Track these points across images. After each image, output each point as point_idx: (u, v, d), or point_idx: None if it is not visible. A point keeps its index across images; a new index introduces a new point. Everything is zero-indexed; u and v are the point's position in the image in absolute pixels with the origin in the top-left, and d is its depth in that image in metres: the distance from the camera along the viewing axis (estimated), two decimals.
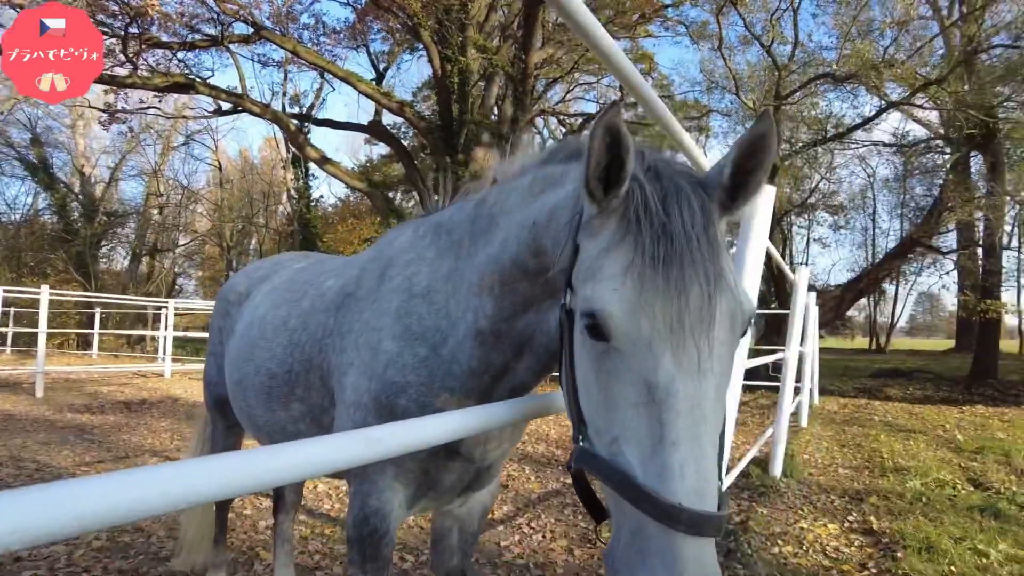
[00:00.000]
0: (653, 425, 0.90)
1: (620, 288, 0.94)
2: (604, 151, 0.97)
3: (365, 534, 1.63)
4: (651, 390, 0.91)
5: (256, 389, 2.01)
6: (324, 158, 15.56)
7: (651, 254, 0.95)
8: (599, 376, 0.98)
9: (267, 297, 2.22)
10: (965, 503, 4.85)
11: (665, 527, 0.85)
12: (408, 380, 1.52)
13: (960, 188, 16.43)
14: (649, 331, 0.92)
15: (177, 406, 9.55)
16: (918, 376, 16.42)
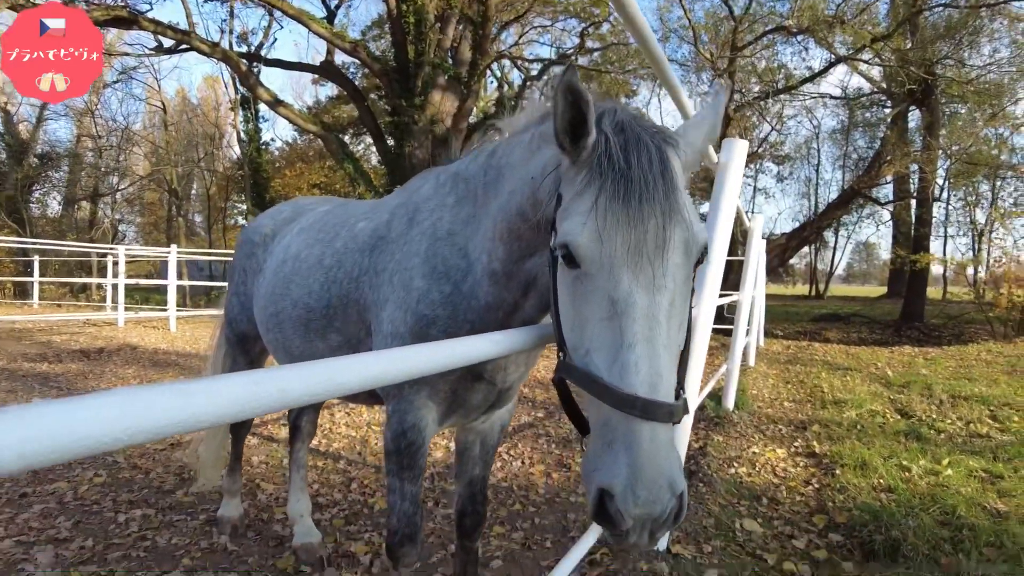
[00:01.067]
0: (615, 333, 1.07)
1: (587, 221, 1.12)
2: (567, 108, 1.16)
3: (403, 447, 1.85)
4: (614, 304, 1.08)
5: (293, 322, 2.18)
6: (276, 100, 15.10)
7: (612, 193, 1.12)
8: (574, 300, 1.16)
9: (298, 237, 2.36)
10: (893, 429, 5.41)
11: (624, 414, 1.02)
12: (437, 314, 1.71)
13: (899, 141, 17.23)
14: (611, 256, 1.09)
15: (138, 354, 9.46)
16: (854, 320, 17.49)
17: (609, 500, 1.02)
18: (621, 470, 1.01)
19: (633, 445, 1.01)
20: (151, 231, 37.99)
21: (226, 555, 2.94)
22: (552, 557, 3.02)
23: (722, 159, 2.89)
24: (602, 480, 1.03)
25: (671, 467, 1.03)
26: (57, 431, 0.47)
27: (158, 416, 0.53)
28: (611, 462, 1.03)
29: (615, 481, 1.01)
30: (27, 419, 0.46)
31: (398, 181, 14.43)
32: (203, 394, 0.58)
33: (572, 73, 1.13)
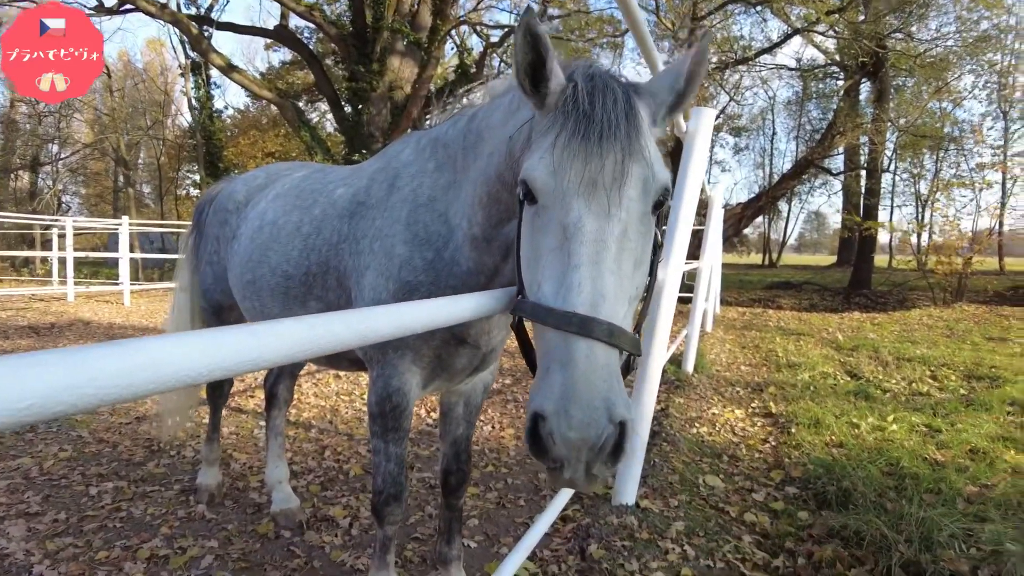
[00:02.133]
0: (563, 257, 1.07)
1: (544, 155, 1.13)
2: (527, 50, 1.17)
3: (388, 410, 1.89)
4: (564, 230, 1.09)
5: (272, 289, 2.18)
6: (230, 65, 14.58)
7: (572, 131, 1.12)
8: (532, 236, 1.16)
9: (274, 204, 2.35)
10: (843, 389, 5.70)
11: (562, 333, 1.01)
12: (419, 280, 1.73)
13: (850, 113, 17.71)
14: (565, 186, 1.10)
15: (92, 329, 9.20)
16: (806, 288, 18.10)
17: (542, 423, 0.99)
18: (554, 390, 0.98)
19: (568, 364, 0.99)
20: (97, 202, 36.45)
21: (205, 523, 2.96)
22: (526, 515, 3.13)
23: (690, 127, 2.97)
24: (535, 404, 1.01)
25: (609, 389, 0.99)
26: (157, 363, 0.51)
27: (230, 354, 0.57)
28: (546, 385, 1.01)
29: (546, 403, 0.98)
30: (129, 351, 0.50)
31: (356, 148, 14.18)
32: (271, 335, 0.62)
33: (531, 15, 1.14)
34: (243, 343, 0.59)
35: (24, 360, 0.45)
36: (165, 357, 0.52)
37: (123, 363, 0.49)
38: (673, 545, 2.76)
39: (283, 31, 16.18)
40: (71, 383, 0.45)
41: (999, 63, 18.80)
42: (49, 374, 0.44)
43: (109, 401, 0.50)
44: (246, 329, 0.61)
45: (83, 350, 0.48)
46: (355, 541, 2.83)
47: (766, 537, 2.95)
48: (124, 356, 0.49)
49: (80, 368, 0.46)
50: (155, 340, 0.53)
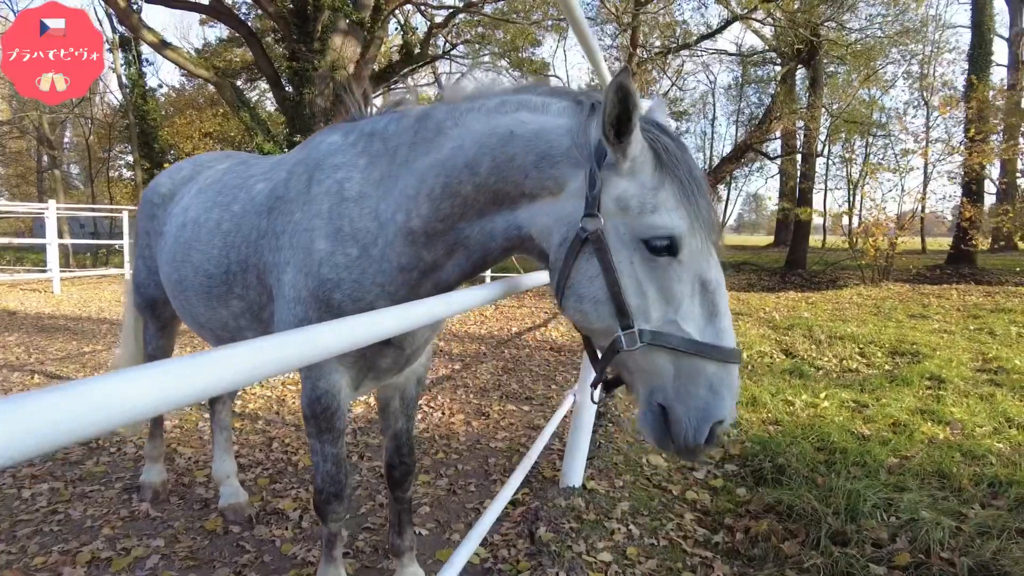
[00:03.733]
0: (707, 306, 1.33)
1: (683, 216, 1.33)
2: (617, 104, 1.28)
3: (319, 411, 1.88)
4: (704, 284, 1.34)
5: (196, 289, 2.13)
6: (163, 43, 13.90)
7: (689, 190, 1.34)
8: (656, 281, 1.34)
9: (196, 199, 2.28)
10: (780, 368, 5.97)
11: (725, 363, 1.31)
12: (341, 277, 1.69)
13: (787, 99, 18.26)
14: (700, 244, 1.34)
15: (19, 320, 8.77)
16: (744, 268, 18.70)
17: (718, 426, 1.31)
18: (728, 403, 1.31)
19: (734, 386, 1.33)
20: (19, 183, 34.46)
21: (149, 522, 2.90)
22: (476, 500, 3.19)
23: None
24: (719, 415, 1.30)
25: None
26: (99, 407, 0.52)
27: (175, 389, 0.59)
28: (721, 402, 1.30)
29: (726, 414, 1.31)
30: (71, 397, 0.51)
31: (298, 130, 13.80)
32: (217, 364, 0.63)
33: (626, 75, 1.28)
34: (184, 376, 0.60)
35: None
36: (106, 400, 0.52)
37: (66, 410, 0.49)
38: (619, 525, 2.87)
39: (219, 6, 15.50)
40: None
41: (920, 53, 19.72)
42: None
43: (56, 448, 0.50)
44: (189, 361, 0.61)
45: (21, 400, 0.47)
46: (306, 534, 2.83)
47: (706, 514, 3.10)
48: (65, 403, 0.49)
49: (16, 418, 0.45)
50: (96, 382, 0.53)
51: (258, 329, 2.05)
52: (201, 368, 0.62)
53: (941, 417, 4.35)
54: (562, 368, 6.02)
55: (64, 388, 0.51)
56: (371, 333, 0.96)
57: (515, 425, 4.34)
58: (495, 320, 8.95)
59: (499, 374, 5.73)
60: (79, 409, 0.51)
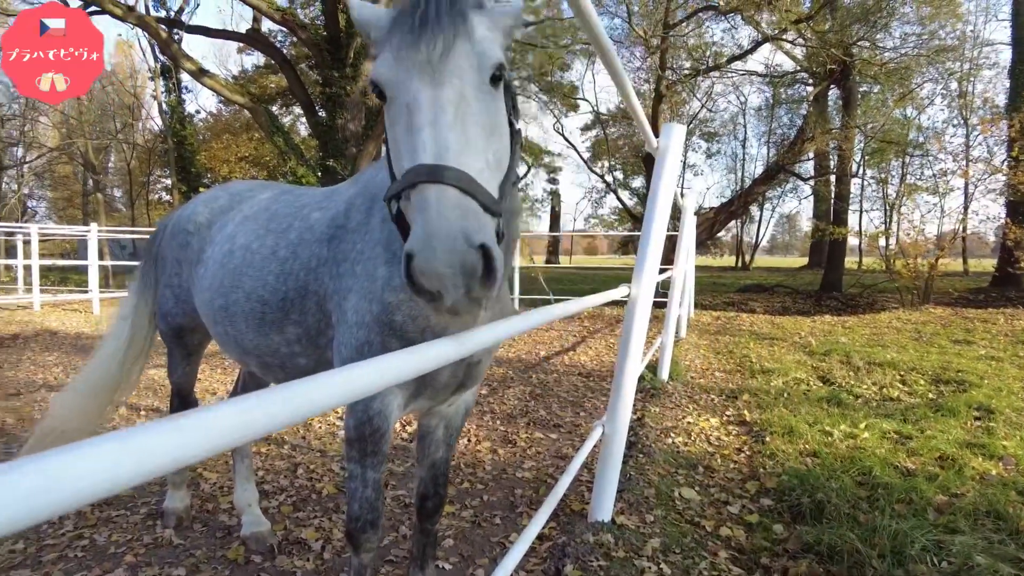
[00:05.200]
0: (410, 130, 1.18)
1: (384, 54, 1.25)
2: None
3: (367, 434, 1.84)
4: (408, 109, 1.19)
5: (246, 315, 2.13)
6: (201, 70, 14.34)
7: (405, 28, 1.22)
8: (391, 132, 1.26)
9: (243, 227, 2.30)
10: (816, 396, 5.77)
11: (416, 186, 1.12)
12: (400, 299, 1.71)
13: (819, 119, 18.01)
14: (404, 73, 1.21)
15: (59, 339, 8.98)
16: (778, 291, 18.34)
17: (412, 263, 1.08)
18: (418, 232, 1.08)
19: (423, 208, 1.09)
20: (65, 207, 35.64)
21: (172, 549, 2.88)
22: (501, 534, 3.10)
23: (661, 143, 2.97)
24: (405, 247, 1.10)
25: (464, 220, 1.08)
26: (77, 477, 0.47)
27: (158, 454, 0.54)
28: (412, 232, 1.10)
29: (413, 243, 1.08)
30: (44, 467, 0.46)
31: (330, 154, 14.05)
32: (198, 427, 0.58)
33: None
34: (167, 441, 0.55)
35: None
36: (82, 471, 0.48)
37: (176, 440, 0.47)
38: (649, 563, 2.75)
39: (256, 35, 15.96)
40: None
41: (958, 71, 19.30)
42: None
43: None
44: (169, 424, 0.57)
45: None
46: (327, 565, 2.77)
47: (742, 552, 2.96)
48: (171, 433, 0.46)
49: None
50: (76, 449, 0.48)
51: (313, 355, 2.07)
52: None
53: (992, 451, 4.13)
54: (591, 395, 5.91)
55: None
56: (440, 357, 1.06)
57: (542, 454, 4.24)
58: (523, 343, 8.88)
59: (527, 400, 5.65)
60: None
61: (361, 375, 0.82)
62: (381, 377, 0.86)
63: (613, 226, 39.26)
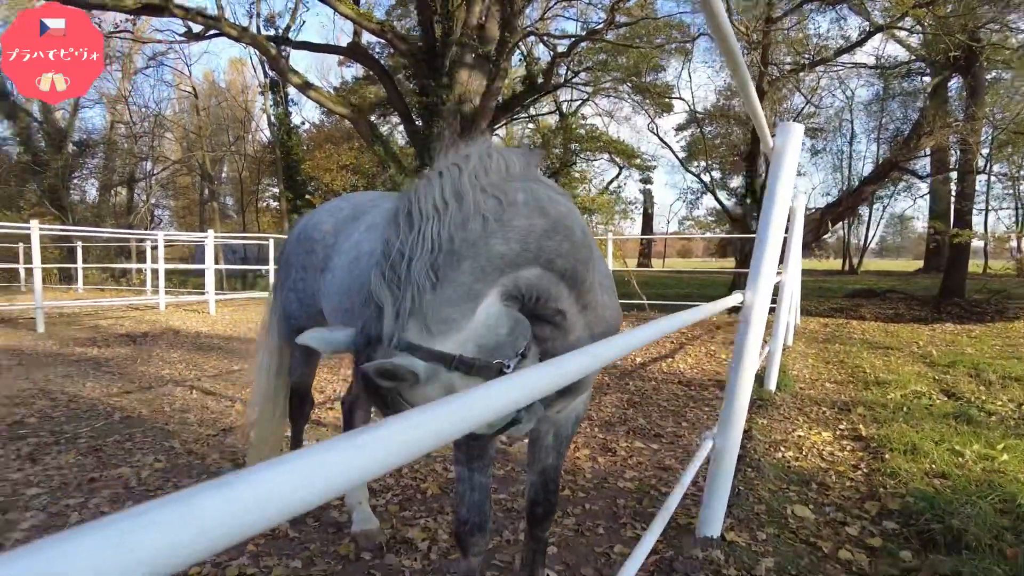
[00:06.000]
0: None
1: None
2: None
3: (474, 436, 1.88)
4: None
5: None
6: (307, 84, 15.14)
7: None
8: None
9: (368, 235, 2.40)
10: (941, 411, 5.32)
11: None
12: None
13: (939, 112, 16.68)
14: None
15: (181, 338, 9.71)
16: (890, 296, 17.13)
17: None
18: None
19: None
20: (184, 214, 38.65)
21: (288, 542, 3.03)
22: (605, 544, 3.05)
23: (777, 144, 2.83)
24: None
25: None
26: (262, 499, 0.49)
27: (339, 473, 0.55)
28: None
29: None
30: (235, 490, 0.48)
31: (427, 162, 14.43)
32: (375, 443, 0.60)
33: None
34: (349, 458, 0.56)
35: (125, 524, 0.41)
36: (270, 491, 0.49)
37: (229, 506, 0.46)
38: None
39: (356, 48, 16.66)
40: (181, 541, 0.42)
41: None
42: (158, 537, 0.41)
43: (218, 551, 0.46)
44: (348, 441, 0.58)
45: (187, 497, 0.44)
46: (434, 566, 2.82)
47: None
48: (230, 498, 0.46)
49: (188, 521, 0.43)
50: (258, 472, 0.50)
51: None
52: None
53: None
54: (692, 404, 5.72)
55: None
56: (578, 369, 1.10)
57: (643, 464, 4.15)
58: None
59: (624, 407, 5.55)
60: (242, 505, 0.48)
61: (512, 387, 0.84)
62: (530, 392, 0.88)
63: (710, 227, 38.06)
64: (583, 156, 28.88)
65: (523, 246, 1.50)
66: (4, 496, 3.47)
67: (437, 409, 0.69)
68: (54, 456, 4.13)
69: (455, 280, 1.41)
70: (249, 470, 0.49)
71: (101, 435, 4.61)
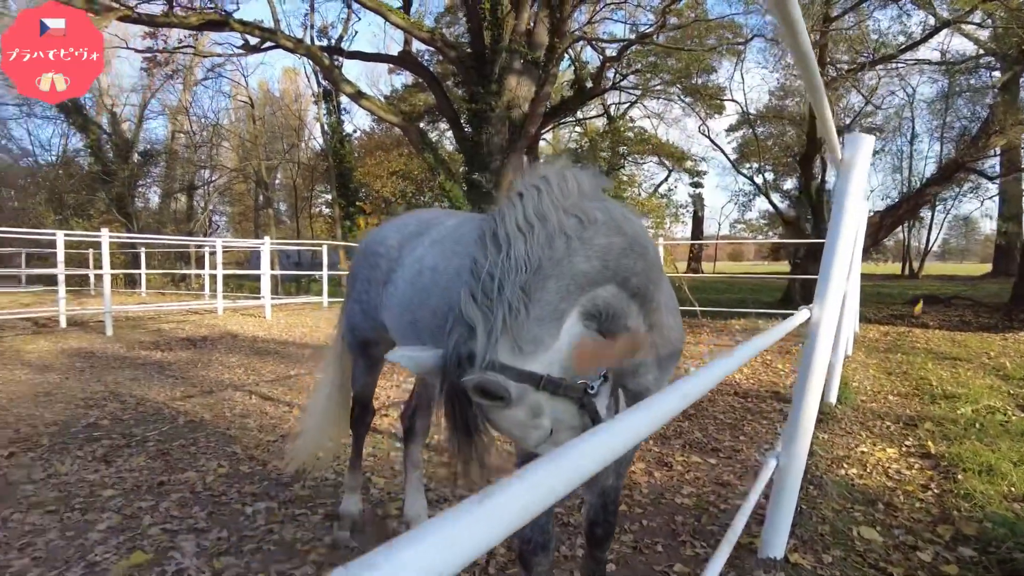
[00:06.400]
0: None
1: None
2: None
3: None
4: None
5: (432, 331, 2.25)
6: (359, 93, 15.47)
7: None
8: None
9: (432, 250, 2.44)
10: (1018, 429, 5.05)
11: None
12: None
13: (1010, 109, 15.88)
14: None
15: (239, 342, 10.01)
16: (956, 303, 16.38)
17: None
18: None
19: None
20: (240, 220, 39.97)
21: (348, 551, 3.08)
22: (664, 562, 3.00)
23: (846, 156, 2.74)
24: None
25: None
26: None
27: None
28: None
29: None
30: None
31: (476, 168, 14.55)
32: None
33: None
34: (475, 526, 0.59)
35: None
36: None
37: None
38: None
39: (407, 56, 16.94)
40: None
41: None
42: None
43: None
44: (471, 510, 0.60)
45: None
46: None
47: None
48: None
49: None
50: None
51: None
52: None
53: None
54: (749, 416, 5.59)
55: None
56: (670, 411, 1.16)
57: (701, 480, 4.07)
58: None
59: (680, 420, 5.45)
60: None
61: (613, 435, 0.91)
62: (631, 438, 0.94)
63: (762, 230, 37.15)
64: (632, 159, 28.61)
65: (603, 263, 1.52)
66: (83, 497, 3.64)
67: (547, 466, 0.71)
68: (126, 459, 4.32)
69: (542, 300, 1.43)
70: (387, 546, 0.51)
71: (168, 438, 4.79)
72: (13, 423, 5.15)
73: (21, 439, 4.71)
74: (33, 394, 6.19)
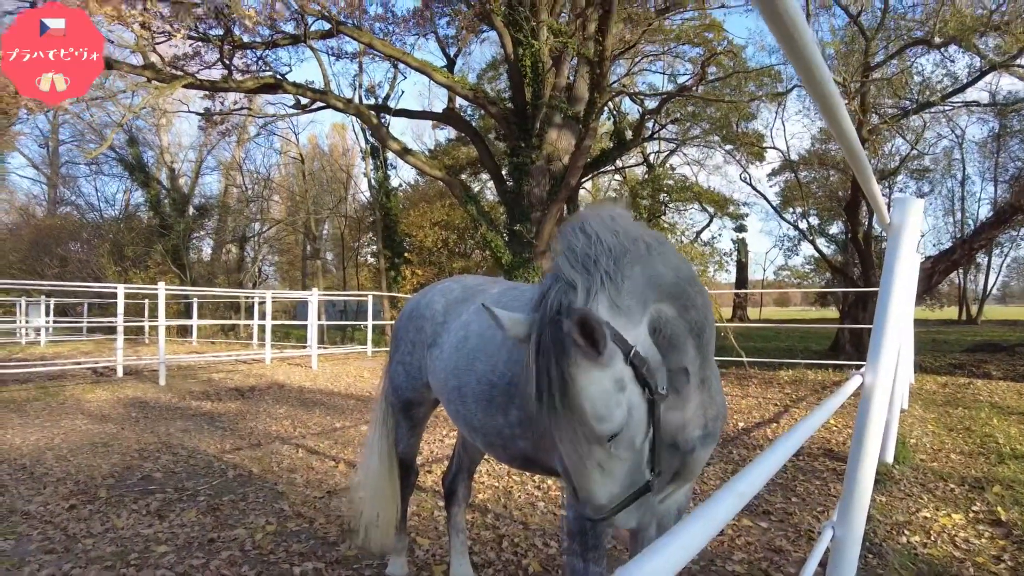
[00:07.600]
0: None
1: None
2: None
3: (589, 527, 1.86)
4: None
5: (476, 397, 2.30)
6: (405, 149, 15.99)
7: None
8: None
9: (477, 316, 2.51)
10: None
11: None
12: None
13: None
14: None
15: (286, 392, 10.21)
16: (1020, 350, 15.62)
17: None
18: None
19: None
20: (288, 269, 41.15)
21: None
22: None
23: (894, 220, 2.71)
24: None
25: None
26: None
27: None
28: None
29: None
30: None
31: (517, 219, 14.77)
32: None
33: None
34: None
35: None
36: None
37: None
38: None
39: (451, 113, 17.49)
40: None
41: None
42: None
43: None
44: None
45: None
46: None
47: None
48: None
49: None
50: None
51: (530, 439, 2.18)
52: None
53: None
54: (802, 476, 5.39)
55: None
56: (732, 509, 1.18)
57: (753, 545, 3.93)
58: None
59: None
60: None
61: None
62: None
63: (808, 276, 36.36)
64: (673, 206, 28.59)
65: (675, 276, 1.62)
66: (138, 552, 3.73)
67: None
68: (178, 513, 4.41)
69: (632, 277, 1.50)
70: None
71: (218, 492, 4.88)
72: (73, 473, 5.33)
73: (80, 491, 4.88)
74: (91, 444, 6.41)
